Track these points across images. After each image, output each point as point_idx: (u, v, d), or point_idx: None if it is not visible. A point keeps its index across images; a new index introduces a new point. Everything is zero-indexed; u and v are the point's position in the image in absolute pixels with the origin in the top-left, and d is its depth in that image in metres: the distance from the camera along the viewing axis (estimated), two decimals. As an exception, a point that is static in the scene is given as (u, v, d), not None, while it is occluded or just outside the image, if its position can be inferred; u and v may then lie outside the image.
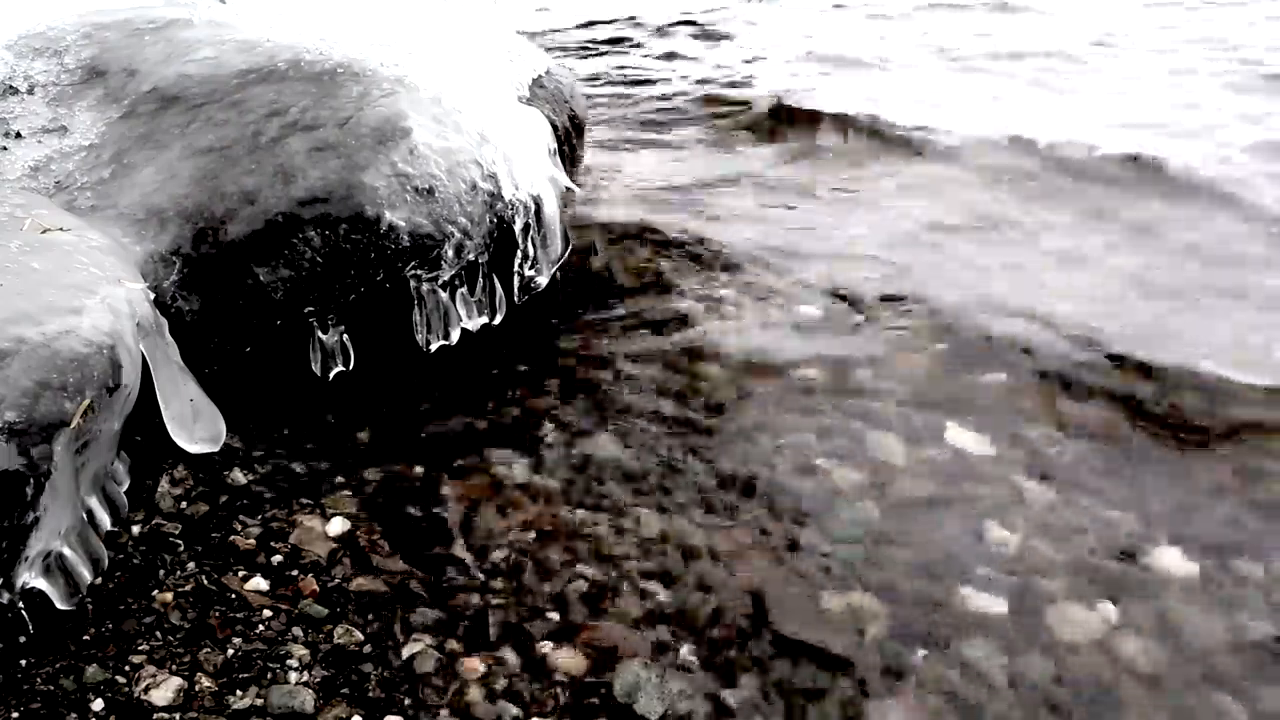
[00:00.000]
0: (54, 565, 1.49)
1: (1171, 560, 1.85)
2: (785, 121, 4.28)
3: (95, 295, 1.65)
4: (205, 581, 1.67)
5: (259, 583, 1.69)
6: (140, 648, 1.52)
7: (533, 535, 1.90)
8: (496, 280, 2.34)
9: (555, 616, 1.72)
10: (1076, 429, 2.21)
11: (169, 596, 1.62)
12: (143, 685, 1.46)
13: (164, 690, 1.45)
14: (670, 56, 5.51)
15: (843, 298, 2.77)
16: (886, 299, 2.75)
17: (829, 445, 2.17)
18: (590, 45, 5.84)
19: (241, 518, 1.83)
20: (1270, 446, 2.14)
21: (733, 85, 4.80)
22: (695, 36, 6.01)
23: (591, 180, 3.59)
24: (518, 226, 2.35)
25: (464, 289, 2.27)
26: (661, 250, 3.03)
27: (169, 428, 1.83)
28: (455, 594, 1.75)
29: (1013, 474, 2.07)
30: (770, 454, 2.14)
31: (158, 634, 1.55)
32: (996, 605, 1.75)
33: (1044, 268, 2.92)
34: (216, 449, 1.93)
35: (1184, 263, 2.92)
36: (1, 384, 1.40)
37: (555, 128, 2.84)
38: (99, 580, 1.62)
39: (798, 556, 1.86)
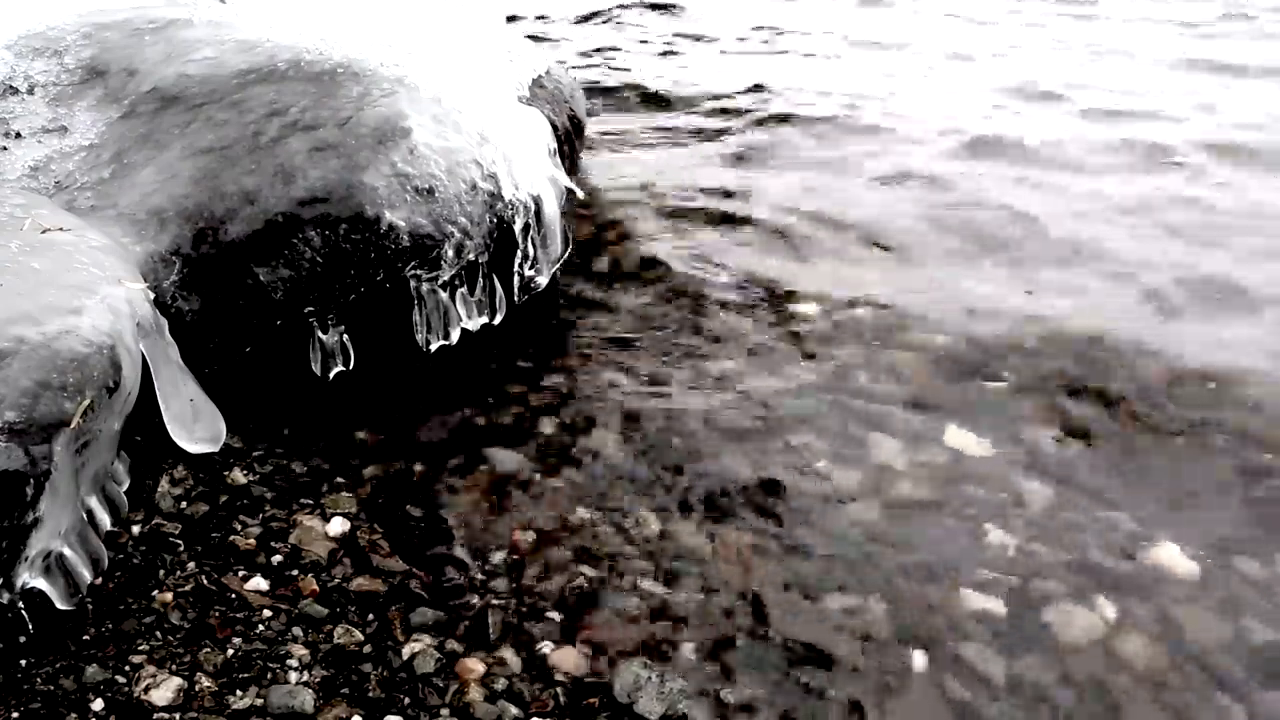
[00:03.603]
0: (54, 565, 1.49)
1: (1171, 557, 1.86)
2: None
3: (95, 295, 1.65)
4: (205, 581, 1.67)
5: (259, 583, 1.69)
6: (140, 648, 1.52)
7: (533, 535, 1.90)
8: (496, 280, 2.34)
9: (555, 616, 1.72)
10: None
11: (169, 596, 1.62)
12: (143, 685, 1.46)
13: (164, 690, 1.45)
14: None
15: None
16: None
17: (831, 446, 2.17)
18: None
19: (241, 518, 1.83)
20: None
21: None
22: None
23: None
24: (518, 226, 2.35)
25: (464, 289, 2.27)
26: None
27: (169, 428, 1.83)
28: (455, 594, 1.75)
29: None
30: (772, 453, 2.14)
31: (158, 634, 1.55)
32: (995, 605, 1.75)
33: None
34: (216, 449, 1.93)
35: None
36: (1, 384, 1.40)
37: (555, 128, 2.84)
38: (99, 580, 1.62)
39: (798, 556, 1.86)
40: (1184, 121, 4.26)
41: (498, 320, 2.38)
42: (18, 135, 2.30)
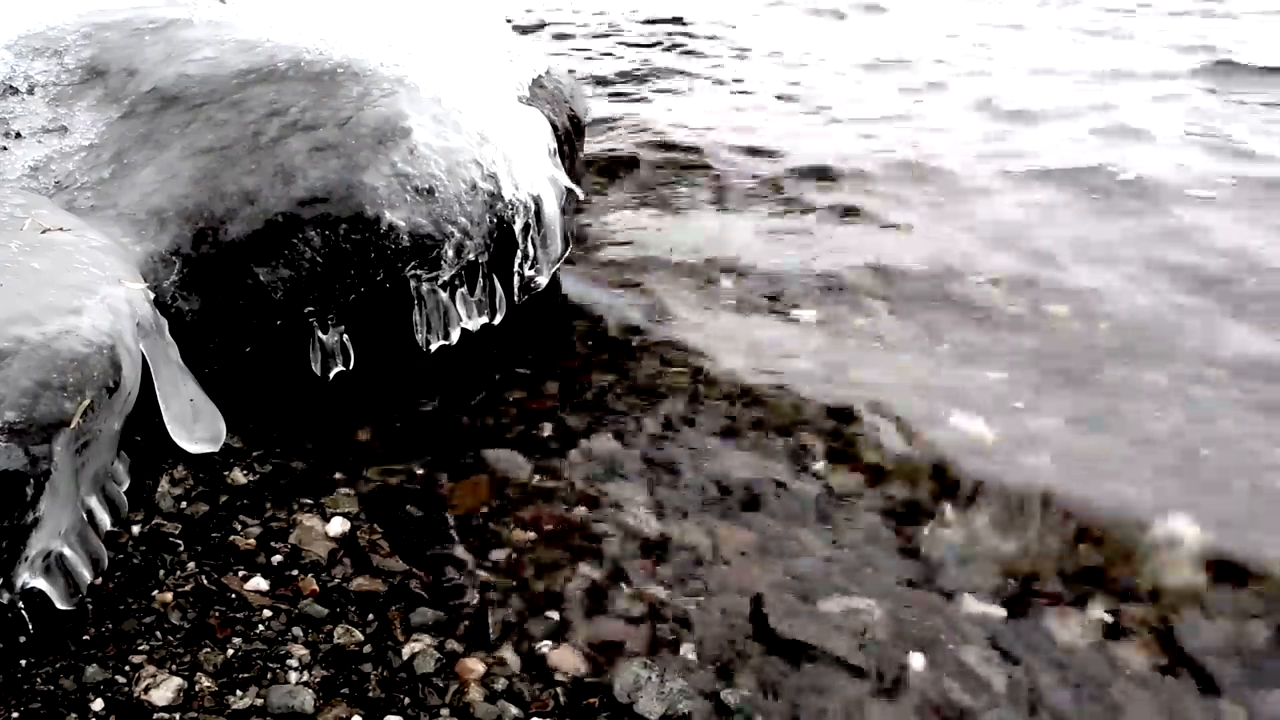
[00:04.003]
0: (54, 565, 1.49)
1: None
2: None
3: (95, 295, 1.65)
4: (205, 581, 1.67)
5: (259, 583, 1.69)
6: (140, 648, 1.52)
7: (533, 535, 1.90)
8: (496, 280, 2.34)
9: (555, 616, 1.72)
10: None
11: (169, 596, 1.62)
12: (143, 685, 1.46)
13: (164, 690, 1.45)
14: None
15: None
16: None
17: (829, 443, 2.17)
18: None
19: (241, 518, 1.83)
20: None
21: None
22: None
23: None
24: (518, 226, 2.35)
25: (464, 289, 2.27)
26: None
27: (169, 428, 1.82)
28: (455, 594, 1.75)
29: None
30: (771, 453, 2.14)
31: (158, 634, 1.55)
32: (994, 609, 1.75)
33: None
34: (216, 449, 1.93)
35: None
36: (1, 384, 1.40)
37: (555, 128, 2.84)
38: (99, 580, 1.62)
39: (798, 557, 1.86)
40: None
41: (498, 320, 2.38)
42: (18, 135, 2.30)
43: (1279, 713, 1.55)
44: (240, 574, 1.70)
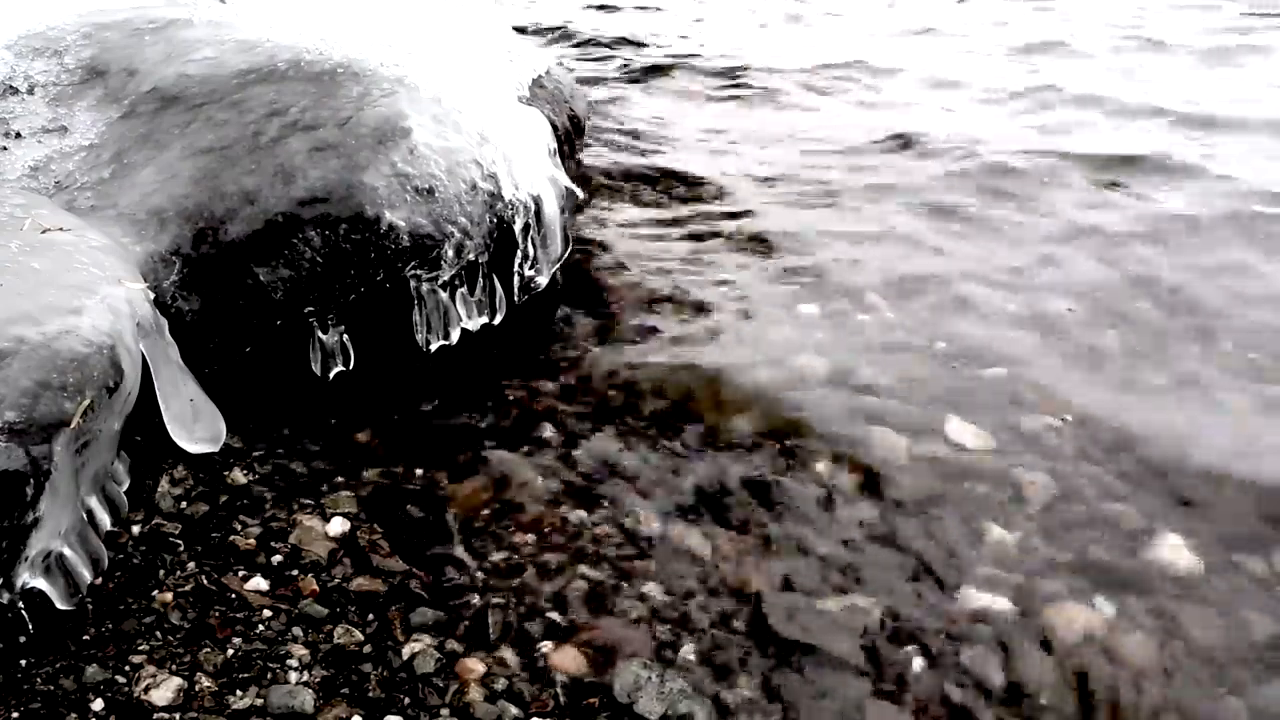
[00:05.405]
0: (54, 565, 1.49)
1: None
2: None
3: (95, 295, 1.65)
4: (205, 581, 1.67)
5: (259, 583, 1.69)
6: (140, 648, 1.52)
7: (533, 535, 1.90)
8: (496, 280, 2.34)
9: (555, 616, 1.72)
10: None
11: (169, 596, 1.62)
12: (143, 685, 1.46)
13: (164, 690, 1.45)
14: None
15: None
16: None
17: (831, 441, 2.17)
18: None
19: (241, 518, 1.83)
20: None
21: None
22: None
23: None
24: (518, 226, 2.35)
25: (464, 289, 2.27)
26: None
27: (169, 428, 1.83)
28: (455, 594, 1.75)
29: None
30: (772, 452, 2.14)
31: (158, 634, 1.56)
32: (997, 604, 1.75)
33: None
34: (216, 449, 1.93)
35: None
36: (1, 384, 1.40)
37: (555, 128, 2.85)
38: (99, 580, 1.62)
39: (798, 556, 1.86)
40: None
41: (498, 320, 2.38)
42: (18, 135, 2.30)
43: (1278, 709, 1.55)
44: (240, 574, 1.70)
